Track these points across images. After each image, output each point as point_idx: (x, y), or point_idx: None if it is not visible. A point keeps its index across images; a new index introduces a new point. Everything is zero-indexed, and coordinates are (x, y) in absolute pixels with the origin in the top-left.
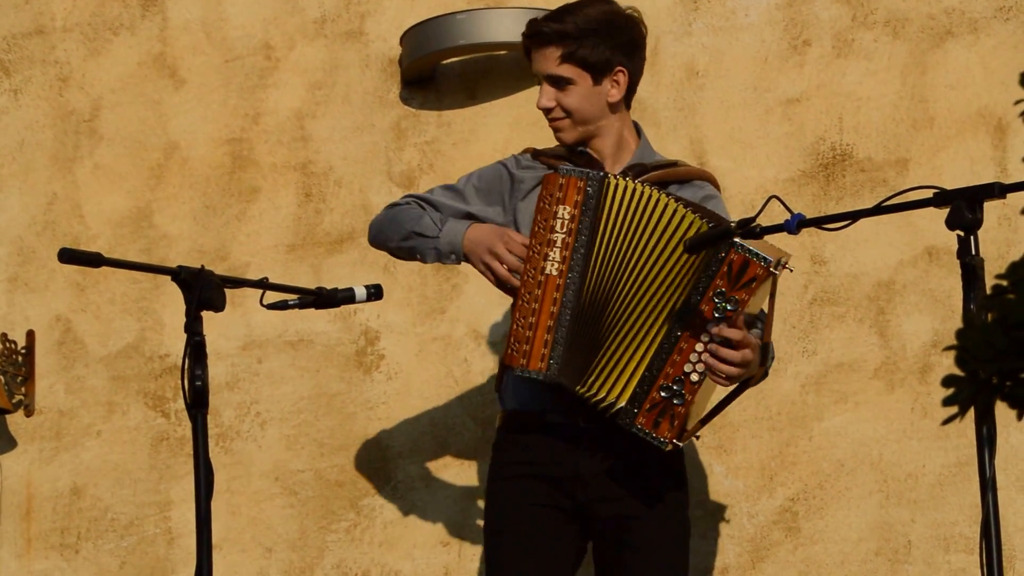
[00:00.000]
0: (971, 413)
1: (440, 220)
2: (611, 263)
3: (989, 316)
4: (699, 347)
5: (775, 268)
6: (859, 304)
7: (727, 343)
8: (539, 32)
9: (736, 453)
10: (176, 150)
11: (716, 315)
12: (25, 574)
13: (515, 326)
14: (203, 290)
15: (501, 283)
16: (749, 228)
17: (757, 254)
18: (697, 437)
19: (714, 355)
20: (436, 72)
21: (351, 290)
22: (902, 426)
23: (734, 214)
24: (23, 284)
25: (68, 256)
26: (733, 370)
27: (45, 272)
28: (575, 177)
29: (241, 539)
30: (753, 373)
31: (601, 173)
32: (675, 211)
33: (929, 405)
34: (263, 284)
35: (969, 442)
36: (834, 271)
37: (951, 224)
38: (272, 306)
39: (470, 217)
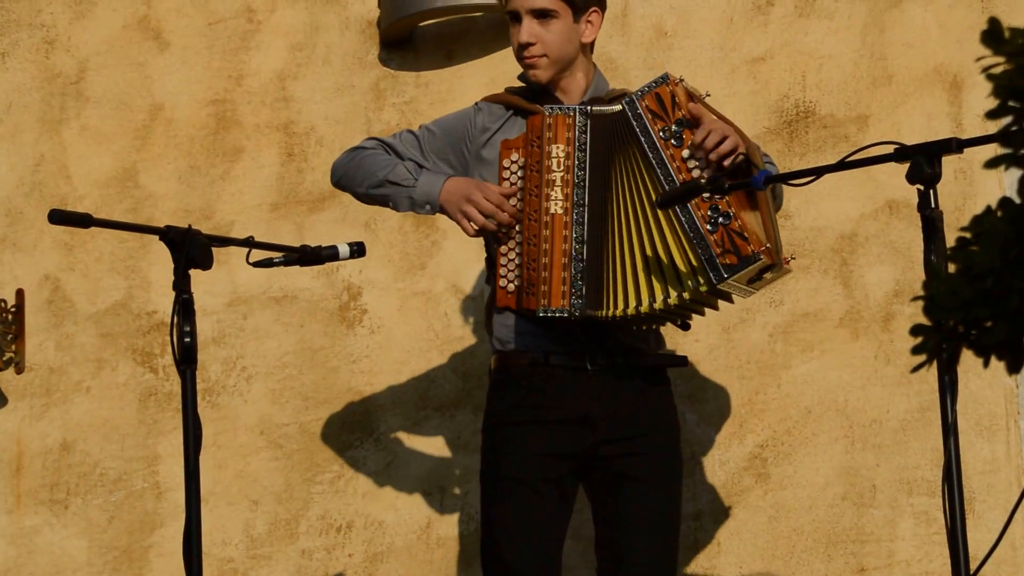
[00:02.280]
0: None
1: (415, 170)
2: (605, 188)
3: (951, 267)
4: (696, 174)
5: (677, 79)
6: (823, 256)
7: (704, 141)
8: None
9: (707, 402)
10: (161, 111)
11: (677, 144)
12: (15, 529)
13: (525, 271)
14: (191, 249)
15: (478, 231)
16: (717, 184)
17: (655, 82)
18: (791, 258)
19: (705, 155)
20: (414, 34)
21: (334, 247)
22: (866, 373)
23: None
24: (12, 244)
25: (58, 217)
26: (724, 147)
27: (33, 232)
28: (562, 115)
29: (228, 492)
30: (743, 143)
31: (588, 108)
32: (602, 119)
33: (892, 352)
34: (249, 243)
35: (930, 388)
36: (799, 224)
37: (911, 179)
38: (258, 264)
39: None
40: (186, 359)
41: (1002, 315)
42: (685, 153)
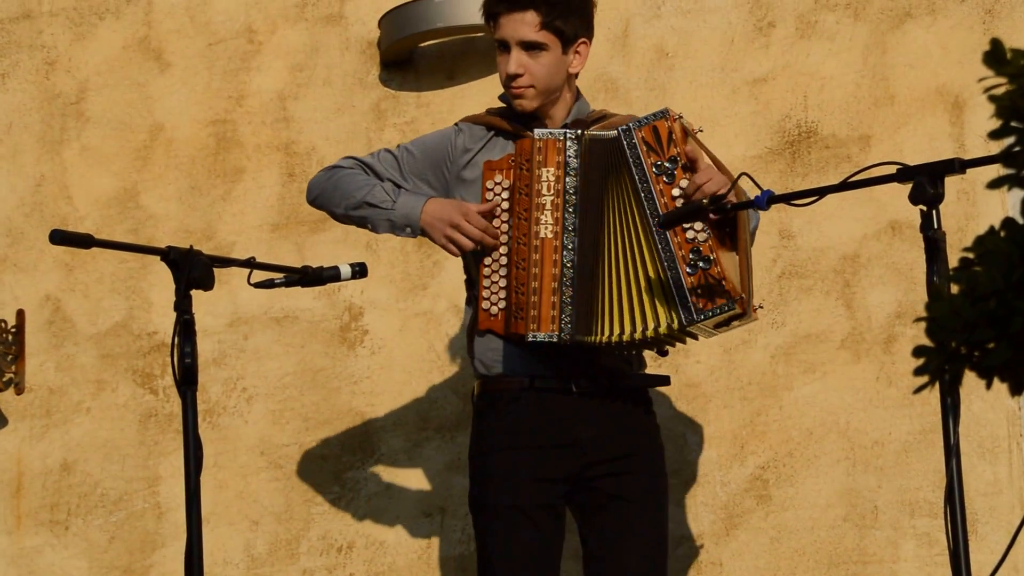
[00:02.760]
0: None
1: (393, 191)
2: (597, 214)
3: (953, 288)
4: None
5: (676, 115)
6: (826, 277)
7: (701, 188)
8: None
9: (709, 423)
10: (161, 132)
11: (668, 182)
12: (16, 550)
13: (513, 294)
14: (192, 270)
15: (463, 255)
16: (721, 205)
17: (653, 115)
18: (759, 307)
19: (692, 194)
20: (414, 54)
21: (336, 268)
22: (868, 395)
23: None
24: (12, 265)
25: (60, 237)
26: (709, 187)
27: (34, 252)
28: (552, 139)
29: (228, 513)
30: (726, 186)
31: (581, 132)
32: (597, 143)
33: (894, 374)
34: (250, 263)
35: (932, 410)
36: (801, 245)
37: (914, 199)
38: (259, 285)
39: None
40: (187, 380)
41: (1005, 336)
42: (675, 191)
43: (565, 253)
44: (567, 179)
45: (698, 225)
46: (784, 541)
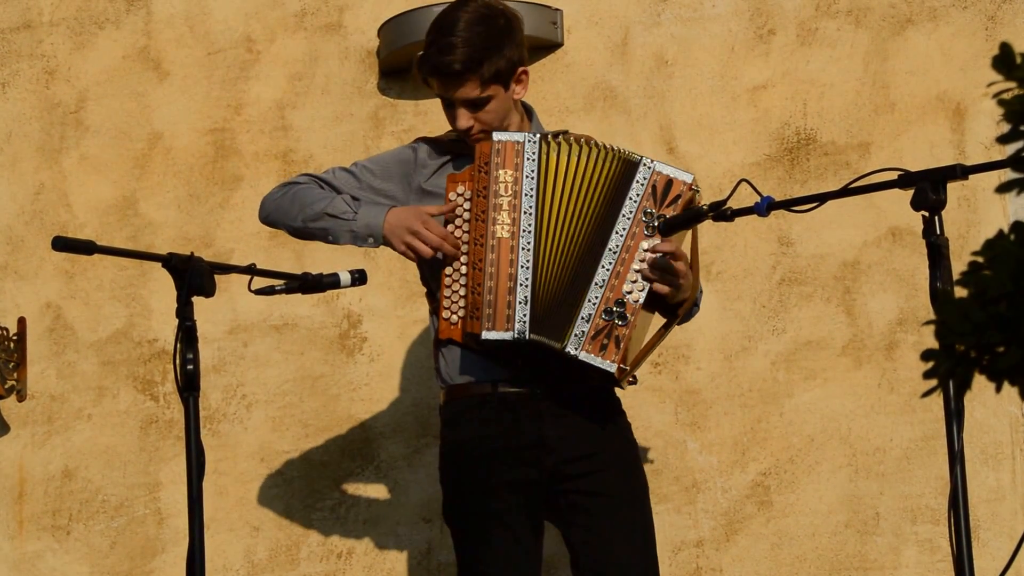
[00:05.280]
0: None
1: (353, 203)
2: (561, 216)
3: (958, 292)
4: (636, 267)
5: (696, 186)
6: (826, 284)
7: (663, 256)
8: (451, 71)
9: (710, 430)
10: (160, 140)
11: (647, 233)
12: (18, 556)
13: (470, 295)
14: (194, 276)
15: (422, 261)
16: (721, 211)
17: (678, 170)
18: (634, 380)
19: (651, 265)
20: (413, 63)
21: (336, 275)
22: (870, 401)
23: (702, 197)
24: (13, 272)
25: (62, 244)
26: (672, 279)
27: (34, 260)
28: (511, 141)
29: (229, 519)
30: (687, 295)
31: (536, 134)
32: (606, 155)
33: (896, 381)
34: (251, 270)
35: (934, 416)
36: (801, 252)
37: (916, 205)
38: (260, 291)
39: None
40: (189, 386)
41: (1015, 340)
42: (644, 244)
43: (522, 253)
44: (525, 181)
45: (641, 285)
46: (785, 547)
